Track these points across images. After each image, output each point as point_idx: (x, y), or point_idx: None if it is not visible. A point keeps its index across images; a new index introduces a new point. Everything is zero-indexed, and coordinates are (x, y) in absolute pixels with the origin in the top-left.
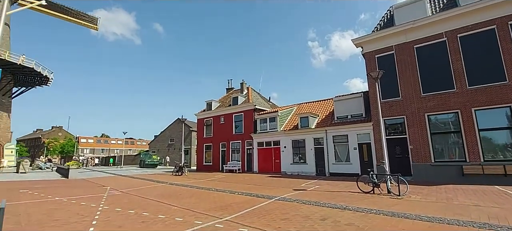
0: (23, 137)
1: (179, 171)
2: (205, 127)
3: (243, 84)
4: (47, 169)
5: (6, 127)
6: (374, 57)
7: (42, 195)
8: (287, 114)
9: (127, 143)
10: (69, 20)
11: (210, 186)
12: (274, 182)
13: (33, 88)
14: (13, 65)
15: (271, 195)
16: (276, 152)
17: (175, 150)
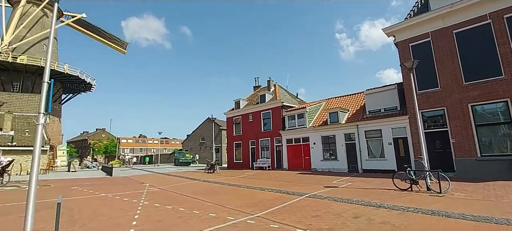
0: (72, 139)
1: (211, 168)
2: (234, 125)
3: (270, 81)
4: (94, 167)
5: (58, 130)
6: (408, 46)
7: (90, 192)
8: (316, 110)
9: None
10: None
11: (241, 183)
12: (304, 179)
13: (78, 95)
14: (61, 75)
15: (302, 192)
16: (306, 149)
17: (206, 148)
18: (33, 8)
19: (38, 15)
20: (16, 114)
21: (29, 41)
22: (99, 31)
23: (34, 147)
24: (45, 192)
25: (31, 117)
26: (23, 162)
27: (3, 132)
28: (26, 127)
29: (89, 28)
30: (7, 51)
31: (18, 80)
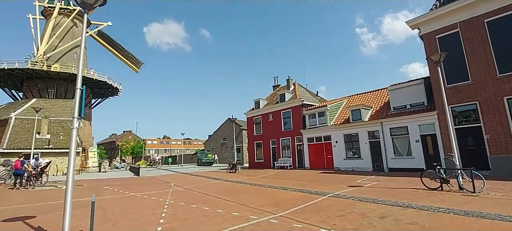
0: (102, 141)
1: (233, 168)
2: (254, 125)
3: (289, 80)
4: (122, 168)
5: (88, 133)
6: (435, 38)
7: (120, 191)
8: (337, 108)
9: (185, 143)
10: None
11: (262, 183)
12: (327, 178)
13: (107, 99)
14: (91, 80)
15: (325, 192)
16: (327, 147)
17: (227, 148)
18: (64, 19)
19: (69, 26)
20: (52, 119)
21: (61, 50)
22: (118, 47)
23: (70, 149)
24: (79, 192)
25: (65, 121)
26: (59, 164)
27: (41, 136)
28: (60, 130)
29: (109, 43)
30: (42, 60)
31: (53, 87)
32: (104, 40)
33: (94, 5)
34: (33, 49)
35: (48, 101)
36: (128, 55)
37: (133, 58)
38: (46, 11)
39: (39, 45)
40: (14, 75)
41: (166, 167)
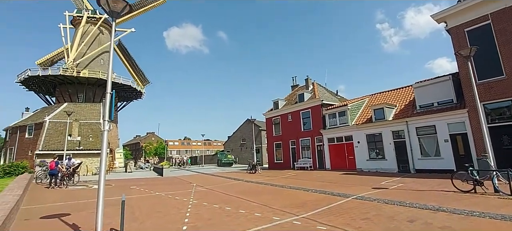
0: (127, 142)
1: (253, 169)
2: (273, 125)
3: (307, 80)
4: (146, 168)
5: (115, 135)
6: (463, 31)
7: (146, 191)
8: (358, 107)
9: (205, 144)
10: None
11: (283, 184)
12: (350, 180)
13: (131, 102)
14: (117, 84)
15: (348, 193)
16: (349, 148)
17: (247, 149)
18: (91, 27)
19: (95, 33)
20: (82, 121)
21: (89, 56)
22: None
23: (101, 150)
24: (108, 191)
25: (94, 123)
26: (88, 164)
27: (72, 138)
28: (90, 133)
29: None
30: (72, 67)
31: (82, 92)
32: (122, 52)
33: (121, 13)
34: (64, 56)
35: (78, 105)
36: (138, 71)
37: (142, 75)
38: (75, 20)
39: (69, 53)
40: (48, 82)
41: (187, 167)
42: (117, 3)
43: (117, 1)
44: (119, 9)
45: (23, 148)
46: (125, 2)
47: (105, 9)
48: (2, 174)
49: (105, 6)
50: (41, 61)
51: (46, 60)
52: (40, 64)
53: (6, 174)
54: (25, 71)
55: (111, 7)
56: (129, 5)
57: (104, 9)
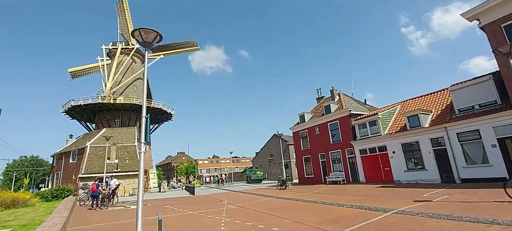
0: (159, 163)
1: (283, 184)
2: (301, 139)
3: (333, 91)
4: (178, 187)
5: (149, 156)
6: (499, 27)
7: (180, 210)
8: (390, 115)
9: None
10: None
11: (315, 199)
12: (387, 193)
13: (162, 124)
14: (148, 108)
15: (387, 208)
16: (384, 159)
17: (275, 165)
18: (125, 57)
19: (129, 62)
20: (119, 145)
21: (123, 84)
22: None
23: (139, 172)
24: (145, 211)
25: (129, 146)
26: (126, 185)
27: (110, 161)
28: (126, 155)
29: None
30: (109, 95)
31: (118, 117)
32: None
33: (153, 43)
34: (102, 86)
35: (115, 130)
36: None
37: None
38: (111, 52)
39: (106, 82)
40: (88, 110)
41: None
42: (149, 34)
43: (148, 32)
44: (151, 39)
45: (68, 172)
46: (155, 32)
47: (139, 40)
48: (50, 197)
49: (138, 37)
50: (73, 70)
51: (78, 70)
52: (71, 72)
53: (53, 197)
54: (69, 102)
55: (144, 38)
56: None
57: (137, 40)
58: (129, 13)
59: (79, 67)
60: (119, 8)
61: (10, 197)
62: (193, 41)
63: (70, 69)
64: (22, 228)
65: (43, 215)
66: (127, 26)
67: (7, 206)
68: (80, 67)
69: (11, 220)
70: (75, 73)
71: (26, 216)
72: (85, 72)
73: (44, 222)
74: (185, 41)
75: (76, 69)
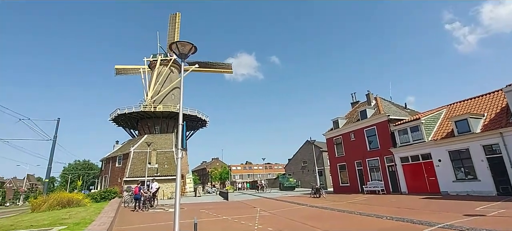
0: (195, 168)
1: (316, 193)
2: (335, 146)
3: (369, 95)
4: (213, 193)
5: (185, 162)
6: None
7: (214, 214)
8: (434, 120)
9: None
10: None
11: (351, 209)
12: (433, 205)
13: (198, 130)
14: (184, 115)
15: (432, 221)
16: (428, 167)
17: (309, 172)
18: (164, 68)
19: (167, 73)
20: (158, 150)
21: (162, 93)
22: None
23: (176, 176)
24: (182, 214)
25: (168, 152)
26: (165, 189)
27: (151, 165)
28: (165, 160)
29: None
30: (150, 103)
31: (158, 124)
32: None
33: (188, 54)
34: (143, 95)
35: (155, 136)
36: (219, 65)
37: (223, 65)
38: (151, 64)
39: (148, 92)
40: (132, 118)
41: (250, 192)
42: (184, 47)
43: (184, 45)
44: (187, 51)
45: (114, 175)
46: (191, 44)
47: (176, 52)
48: (99, 198)
49: (176, 50)
50: (119, 67)
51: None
52: (117, 69)
53: (102, 199)
54: (115, 111)
55: (181, 50)
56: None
57: (175, 53)
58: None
59: (124, 66)
60: (172, 20)
61: (66, 198)
62: (228, 64)
63: (116, 66)
64: (76, 226)
65: (93, 214)
66: (174, 37)
67: (63, 205)
68: (125, 66)
69: (67, 218)
70: (119, 71)
71: (79, 215)
72: (127, 72)
73: (94, 221)
74: (222, 62)
75: (121, 67)
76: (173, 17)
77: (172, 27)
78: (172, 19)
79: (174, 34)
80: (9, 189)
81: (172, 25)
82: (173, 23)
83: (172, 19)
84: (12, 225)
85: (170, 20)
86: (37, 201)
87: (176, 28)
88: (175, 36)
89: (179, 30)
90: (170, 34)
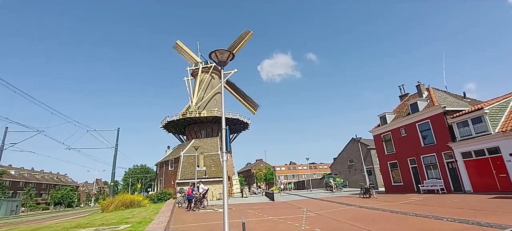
0: (240, 170)
1: (366, 193)
2: (384, 142)
3: (420, 86)
4: (259, 193)
5: (231, 164)
6: None
7: (260, 215)
8: (502, 109)
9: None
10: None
11: (406, 210)
12: (505, 205)
13: (240, 133)
14: (227, 119)
15: (504, 224)
16: (497, 163)
17: (356, 171)
18: (206, 75)
19: (208, 79)
20: (205, 154)
21: (205, 99)
22: (240, 92)
23: (223, 178)
24: (230, 214)
25: (214, 155)
26: (213, 190)
27: (199, 168)
28: (211, 163)
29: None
30: (195, 109)
31: (204, 129)
32: (230, 87)
33: (227, 62)
34: (189, 102)
35: (202, 140)
36: (247, 99)
37: (251, 101)
38: (194, 72)
39: (192, 98)
40: (180, 124)
41: (295, 192)
42: (223, 54)
43: (222, 53)
44: (225, 58)
45: (168, 178)
46: (228, 52)
47: (215, 60)
48: (156, 199)
49: (214, 58)
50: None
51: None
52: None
53: (158, 200)
54: (165, 118)
55: (219, 58)
56: (232, 54)
57: (214, 60)
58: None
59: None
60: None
61: (129, 199)
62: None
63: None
64: (139, 224)
65: (152, 214)
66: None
67: (127, 206)
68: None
69: (130, 218)
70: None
71: (140, 215)
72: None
73: (153, 220)
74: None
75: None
76: (246, 33)
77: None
78: (244, 34)
79: (236, 47)
80: (82, 192)
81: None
82: (242, 38)
83: (243, 34)
84: (88, 223)
85: (242, 34)
86: (105, 202)
87: (242, 43)
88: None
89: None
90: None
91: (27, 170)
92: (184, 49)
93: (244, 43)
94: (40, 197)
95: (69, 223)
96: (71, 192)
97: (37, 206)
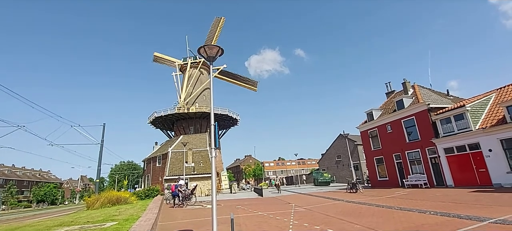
0: (229, 166)
1: (353, 188)
2: (370, 138)
3: (405, 83)
4: (248, 189)
5: (219, 160)
6: None
7: (250, 210)
8: (482, 106)
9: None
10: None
11: (391, 204)
12: (483, 199)
13: (229, 129)
14: (216, 115)
15: (482, 216)
16: (477, 158)
17: (344, 167)
18: (194, 70)
19: (197, 75)
20: (194, 150)
21: (194, 95)
22: (236, 77)
23: (212, 174)
24: (219, 210)
25: (203, 151)
26: (202, 186)
27: (188, 164)
28: (200, 159)
29: (229, 76)
30: (183, 105)
31: (192, 125)
32: (225, 75)
33: (216, 57)
34: (177, 98)
35: (190, 136)
36: (245, 80)
37: (250, 81)
38: (182, 67)
39: (181, 94)
40: (168, 120)
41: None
42: (212, 50)
43: (212, 48)
44: (214, 53)
45: (155, 174)
46: (217, 47)
47: (204, 55)
48: (143, 196)
49: (203, 53)
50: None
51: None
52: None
53: (146, 196)
54: (153, 114)
55: (208, 53)
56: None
57: (202, 56)
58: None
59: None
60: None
61: (115, 196)
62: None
63: (155, 53)
64: (125, 222)
65: (139, 211)
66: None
67: (113, 203)
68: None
69: (117, 215)
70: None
71: (127, 212)
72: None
73: (140, 217)
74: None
75: (160, 55)
76: (217, 20)
77: (213, 31)
78: (216, 22)
79: (213, 37)
80: (66, 189)
81: (213, 28)
82: (216, 26)
83: (215, 22)
84: (72, 221)
85: (214, 23)
86: (91, 200)
87: (217, 31)
88: (214, 39)
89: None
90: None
91: (7, 166)
92: (164, 57)
93: (220, 30)
94: (22, 195)
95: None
96: (54, 189)
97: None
